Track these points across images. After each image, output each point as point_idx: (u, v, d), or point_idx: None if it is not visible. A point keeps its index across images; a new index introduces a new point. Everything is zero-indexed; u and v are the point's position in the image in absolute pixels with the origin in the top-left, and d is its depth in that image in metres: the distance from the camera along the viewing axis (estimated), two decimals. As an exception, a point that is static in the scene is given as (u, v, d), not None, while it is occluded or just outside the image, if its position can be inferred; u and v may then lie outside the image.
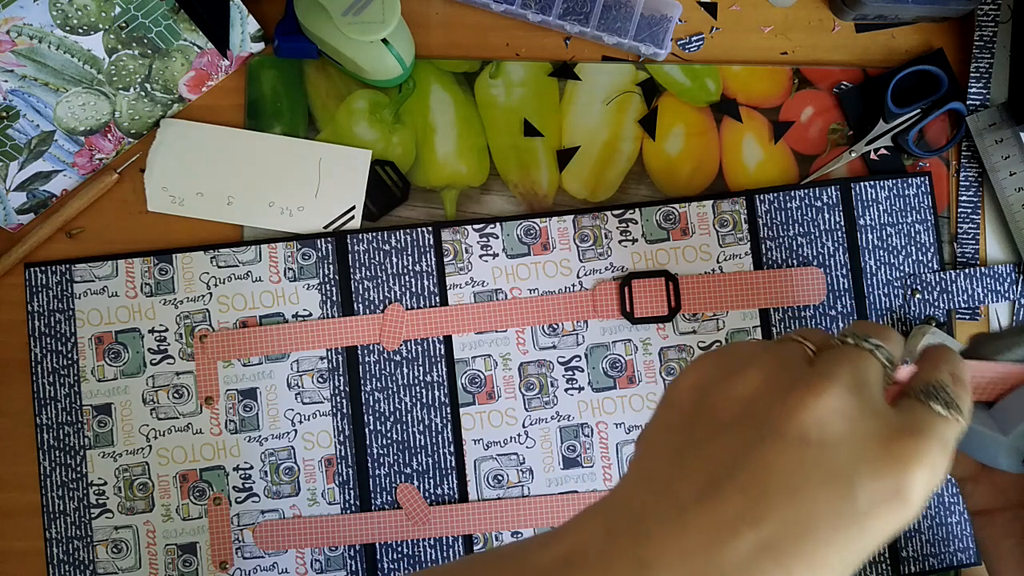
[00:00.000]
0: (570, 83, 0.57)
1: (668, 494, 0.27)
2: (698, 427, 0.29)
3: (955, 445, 0.29)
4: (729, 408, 0.29)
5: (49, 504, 0.55)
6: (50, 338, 0.55)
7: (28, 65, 0.48)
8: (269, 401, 0.55)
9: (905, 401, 0.30)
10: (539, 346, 0.55)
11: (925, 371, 0.31)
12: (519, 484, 0.55)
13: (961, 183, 0.56)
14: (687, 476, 0.28)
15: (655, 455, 0.30)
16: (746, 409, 0.29)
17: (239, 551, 0.54)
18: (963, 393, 0.30)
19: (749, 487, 0.26)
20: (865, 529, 0.26)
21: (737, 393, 0.29)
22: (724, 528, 0.26)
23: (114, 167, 0.56)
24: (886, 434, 0.27)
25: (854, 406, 0.28)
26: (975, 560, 0.55)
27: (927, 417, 0.28)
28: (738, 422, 0.28)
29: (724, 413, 0.29)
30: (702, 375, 0.31)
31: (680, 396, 0.31)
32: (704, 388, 0.30)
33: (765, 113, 0.57)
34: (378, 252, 0.56)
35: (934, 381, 0.30)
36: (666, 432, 0.30)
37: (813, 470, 0.26)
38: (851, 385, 0.28)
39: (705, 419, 0.29)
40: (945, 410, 0.29)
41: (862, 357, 0.30)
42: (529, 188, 0.57)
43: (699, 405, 0.30)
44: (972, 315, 0.56)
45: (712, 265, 0.56)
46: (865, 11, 0.55)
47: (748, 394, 0.29)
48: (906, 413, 0.29)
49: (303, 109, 0.57)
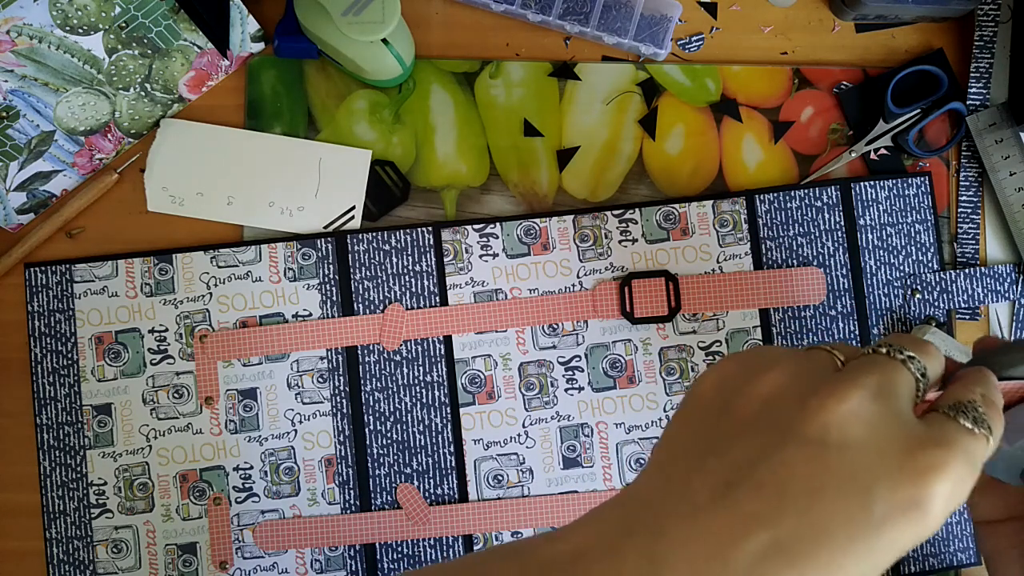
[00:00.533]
0: (570, 83, 0.57)
1: (684, 491, 0.27)
2: (719, 426, 0.29)
3: (981, 464, 0.28)
4: (750, 408, 0.29)
5: (49, 504, 0.55)
6: (50, 338, 0.55)
7: (28, 65, 0.48)
8: (269, 401, 0.55)
9: (932, 415, 0.29)
10: (539, 346, 0.55)
11: (955, 390, 0.30)
12: (519, 484, 0.55)
13: (961, 183, 0.56)
14: (704, 474, 0.27)
15: (674, 452, 0.29)
16: (767, 410, 0.28)
17: (239, 551, 0.54)
18: (994, 415, 0.29)
19: (765, 487, 0.26)
20: (882, 539, 0.25)
21: (759, 393, 0.29)
22: (738, 527, 0.25)
23: (114, 167, 0.56)
24: (909, 444, 0.27)
25: (877, 413, 0.27)
26: (975, 560, 0.55)
27: (953, 430, 0.28)
28: (758, 422, 0.28)
29: (745, 413, 0.29)
30: (726, 374, 0.30)
31: (703, 394, 0.30)
32: (726, 387, 0.30)
33: (765, 113, 0.57)
34: (378, 252, 0.56)
35: (965, 399, 0.29)
36: (687, 429, 0.30)
37: (830, 474, 0.26)
38: (876, 392, 0.28)
39: (726, 418, 0.29)
40: (973, 425, 0.28)
41: (892, 366, 0.29)
42: (529, 188, 0.57)
43: (720, 403, 0.29)
44: (972, 315, 0.56)
45: (712, 265, 0.56)
46: (865, 11, 0.55)
47: (770, 395, 0.29)
48: (932, 425, 0.28)
49: (303, 109, 0.57)
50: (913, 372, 0.30)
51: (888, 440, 0.27)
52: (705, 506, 0.26)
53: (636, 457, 0.55)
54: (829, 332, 0.55)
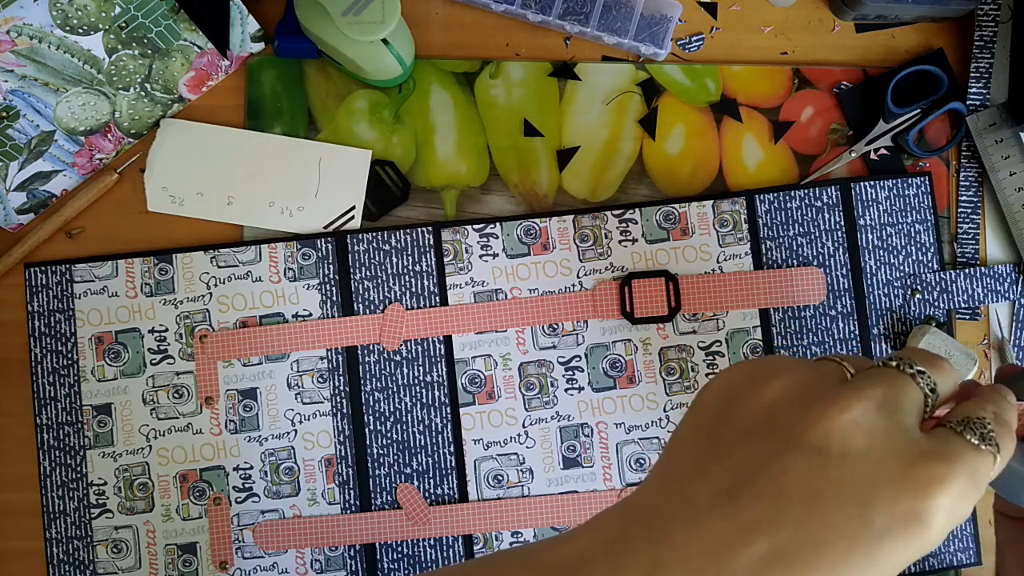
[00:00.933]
0: (570, 83, 0.57)
1: (687, 497, 0.27)
2: (721, 432, 0.29)
3: (987, 481, 0.28)
4: (753, 415, 0.29)
5: (49, 504, 0.55)
6: (50, 338, 0.55)
7: (28, 65, 0.48)
8: (269, 401, 0.55)
9: (939, 430, 0.29)
10: (539, 346, 0.55)
11: (967, 406, 0.30)
12: (519, 484, 0.55)
13: (961, 183, 0.56)
14: (707, 480, 0.27)
15: (678, 458, 0.30)
16: (770, 417, 0.28)
17: (239, 551, 0.54)
18: (1005, 434, 0.29)
19: (766, 495, 0.26)
20: (882, 551, 0.25)
21: (763, 400, 0.29)
22: (739, 534, 0.26)
23: (114, 167, 0.56)
24: (910, 456, 0.26)
25: (880, 424, 0.27)
26: (975, 560, 0.55)
27: (957, 445, 0.27)
28: (761, 429, 0.28)
29: (748, 419, 0.29)
30: (732, 381, 0.30)
31: (708, 400, 0.31)
32: (731, 393, 0.30)
33: (765, 113, 0.57)
34: (378, 252, 0.56)
35: (975, 415, 0.29)
36: (691, 435, 0.30)
37: (829, 484, 0.26)
38: (881, 404, 0.27)
39: (728, 424, 0.29)
40: (980, 442, 0.28)
41: (901, 380, 0.29)
42: (529, 188, 0.57)
43: (724, 410, 0.30)
44: (972, 315, 0.56)
45: (712, 265, 0.56)
46: (865, 11, 0.55)
47: (773, 401, 0.29)
48: (937, 439, 0.28)
49: (303, 109, 0.57)
50: (922, 387, 0.29)
51: (890, 452, 0.26)
52: (706, 512, 0.26)
53: (636, 457, 0.55)
54: (829, 332, 0.55)
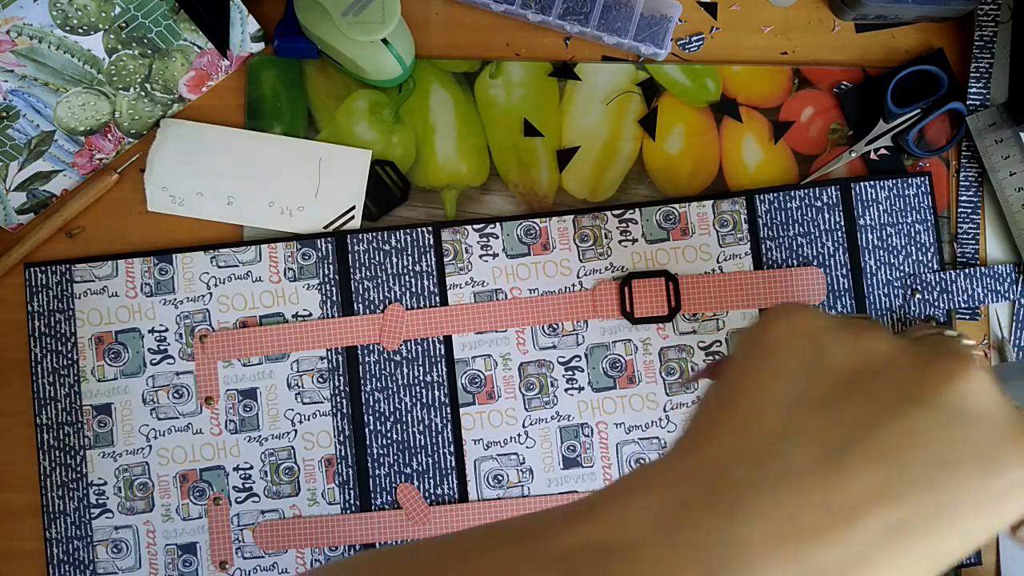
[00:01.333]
0: (570, 83, 0.57)
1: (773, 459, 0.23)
2: (815, 380, 0.25)
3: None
4: (861, 366, 0.25)
5: (49, 504, 0.55)
6: (50, 338, 0.55)
7: (28, 65, 0.48)
8: (269, 401, 0.55)
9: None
10: (539, 346, 0.55)
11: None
12: (519, 484, 0.55)
13: (961, 183, 0.56)
14: (803, 438, 0.23)
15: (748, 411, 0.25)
16: (886, 370, 0.25)
17: (239, 551, 0.54)
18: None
19: (886, 456, 0.23)
20: (998, 510, 0.24)
21: (871, 351, 0.25)
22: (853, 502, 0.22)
23: (114, 167, 0.56)
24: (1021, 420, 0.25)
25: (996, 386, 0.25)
26: (975, 560, 0.55)
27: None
28: (874, 382, 0.25)
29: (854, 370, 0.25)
30: (811, 324, 0.26)
31: (784, 342, 0.26)
32: (820, 339, 0.26)
33: (765, 113, 0.57)
34: (378, 252, 0.56)
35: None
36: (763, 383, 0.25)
37: (966, 446, 0.23)
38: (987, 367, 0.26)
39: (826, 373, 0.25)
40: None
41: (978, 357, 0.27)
42: (529, 188, 0.57)
43: (814, 356, 0.25)
44: (972, 315, 0.56)
45: (712, 265, 0.56)
46: (865, 11, 0.55)
47: (885, 355, 0.25)
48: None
49: (303, 109, 0.57)
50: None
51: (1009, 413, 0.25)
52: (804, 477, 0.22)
53: (636, 457, 0.55)
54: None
